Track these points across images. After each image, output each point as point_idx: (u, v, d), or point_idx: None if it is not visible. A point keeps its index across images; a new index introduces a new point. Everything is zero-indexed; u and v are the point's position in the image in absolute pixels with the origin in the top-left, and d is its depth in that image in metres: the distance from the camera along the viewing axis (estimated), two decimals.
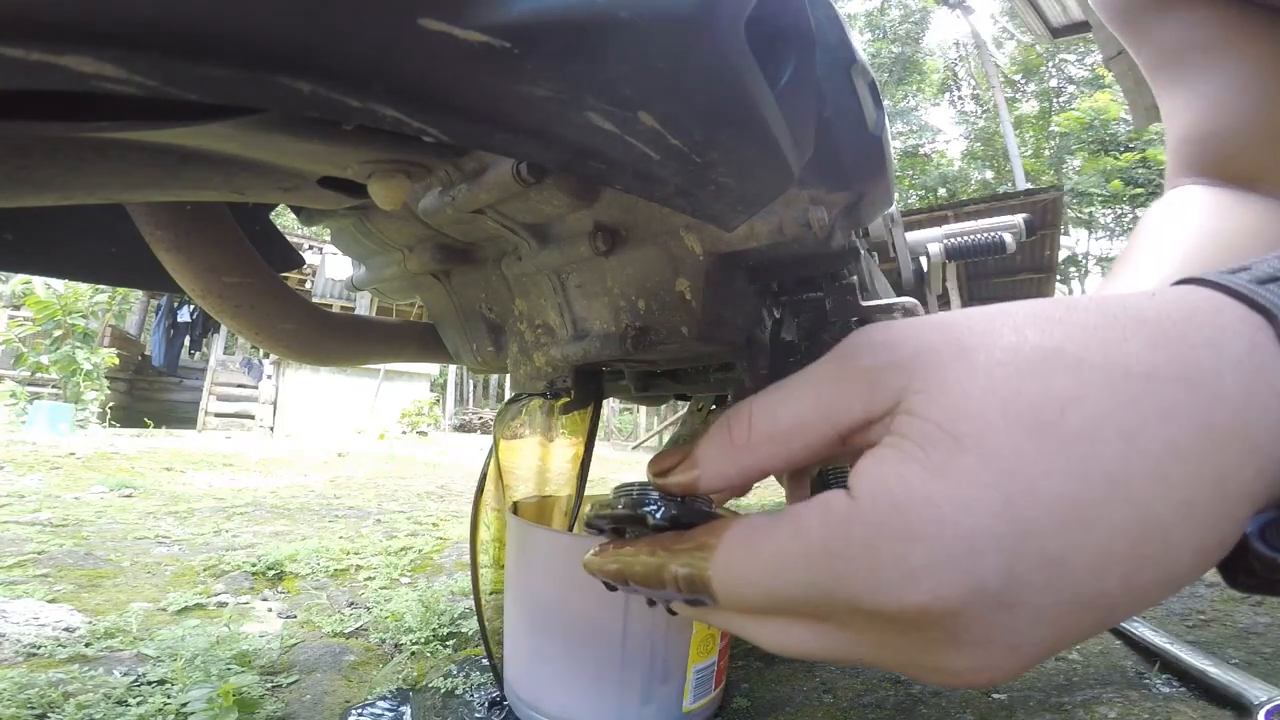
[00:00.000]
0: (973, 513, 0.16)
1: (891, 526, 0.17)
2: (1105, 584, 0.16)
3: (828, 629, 0.19)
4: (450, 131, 0.20)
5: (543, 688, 0.68)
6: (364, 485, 3.11)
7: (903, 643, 0.18)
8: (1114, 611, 0.17)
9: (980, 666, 0.17)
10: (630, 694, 0.63)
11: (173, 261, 0.56)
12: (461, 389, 12.78)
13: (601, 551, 0.26)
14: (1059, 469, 0.16)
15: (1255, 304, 0.18)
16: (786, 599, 0.19)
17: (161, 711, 0.75)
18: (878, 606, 0.17)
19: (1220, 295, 0.18)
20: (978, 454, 0.17)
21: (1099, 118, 11.32)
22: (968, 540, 0.16)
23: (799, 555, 0.18)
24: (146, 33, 0.15)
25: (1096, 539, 0.16)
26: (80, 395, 5.68)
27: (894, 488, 0.17)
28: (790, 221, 0.47)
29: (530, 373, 0.67)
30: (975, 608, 0.16)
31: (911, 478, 0.17)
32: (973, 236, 1.22)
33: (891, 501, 0.17)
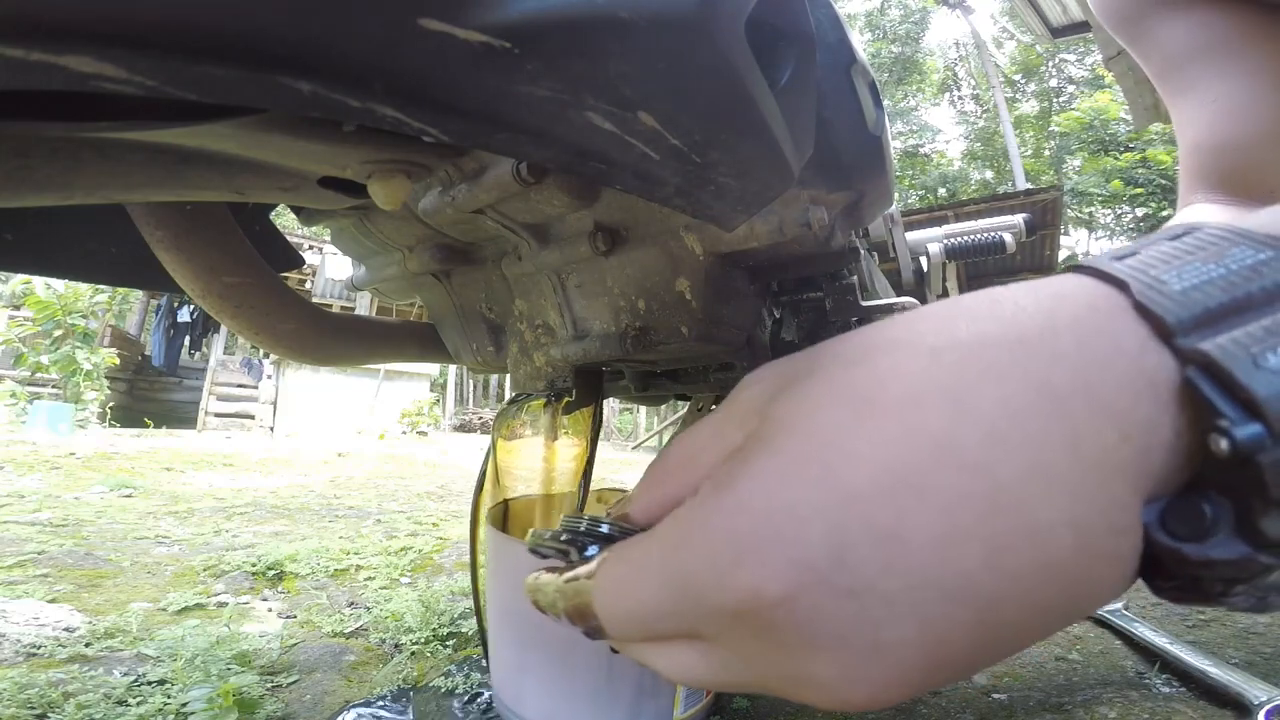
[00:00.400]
0: (793, 484, 0.16)
1: (723, 509, 0.17)
2: (964, 565, 0.15)
3: (705, 648, 0.18)
4: (450, 131, 0.20)
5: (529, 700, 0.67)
6: (364, 485, 3.11)
7: (766, 652, 0.16)
8: (995, 605, 0.15)
9: (851, 676, 0.15)
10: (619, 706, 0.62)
11: (173, 261, 0.56)
12: (461, 389, 12.78)
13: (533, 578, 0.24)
14: (880, 437, 0.16)
15: (1106, 275, 0.17)
16: (656, 612, 0.18)
17: (161, 711, 0.75)
18: (720, 601, 0.16)
19: (1081, 275, 0.18)
20: (802, 433, 0.17)
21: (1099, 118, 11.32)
22: (788, 510, 0.16)
23: (656, 561, 0.18)
24: (146, 33, 0.15)
25: (933, 509, 0.15)
26: (80, 395, 5.68)
27: (729, 475, 0.17)
28: (790, 221, 0.47)
29: (530, 373, 0.67)
30: (812, 592, 0.15)
31: (744, 463, 0.17)
32: (973, 236, 1.22)
33: (726, 487, 0.17)
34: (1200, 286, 0.15)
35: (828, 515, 0.15)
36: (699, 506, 0.18)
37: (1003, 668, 0.92)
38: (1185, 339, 0.15)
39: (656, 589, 0.18)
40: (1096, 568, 0.15)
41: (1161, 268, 0.16)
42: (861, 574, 0.15)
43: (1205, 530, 0.14)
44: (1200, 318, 0.15)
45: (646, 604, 0.18)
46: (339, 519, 2.15)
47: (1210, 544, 0.14)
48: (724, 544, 0.16)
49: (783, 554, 0.15)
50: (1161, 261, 0.17)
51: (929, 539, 0.15)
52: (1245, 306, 0.15)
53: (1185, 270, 0.16)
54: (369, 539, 1.78)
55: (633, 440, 9.74)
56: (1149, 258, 0.17)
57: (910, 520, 0.15)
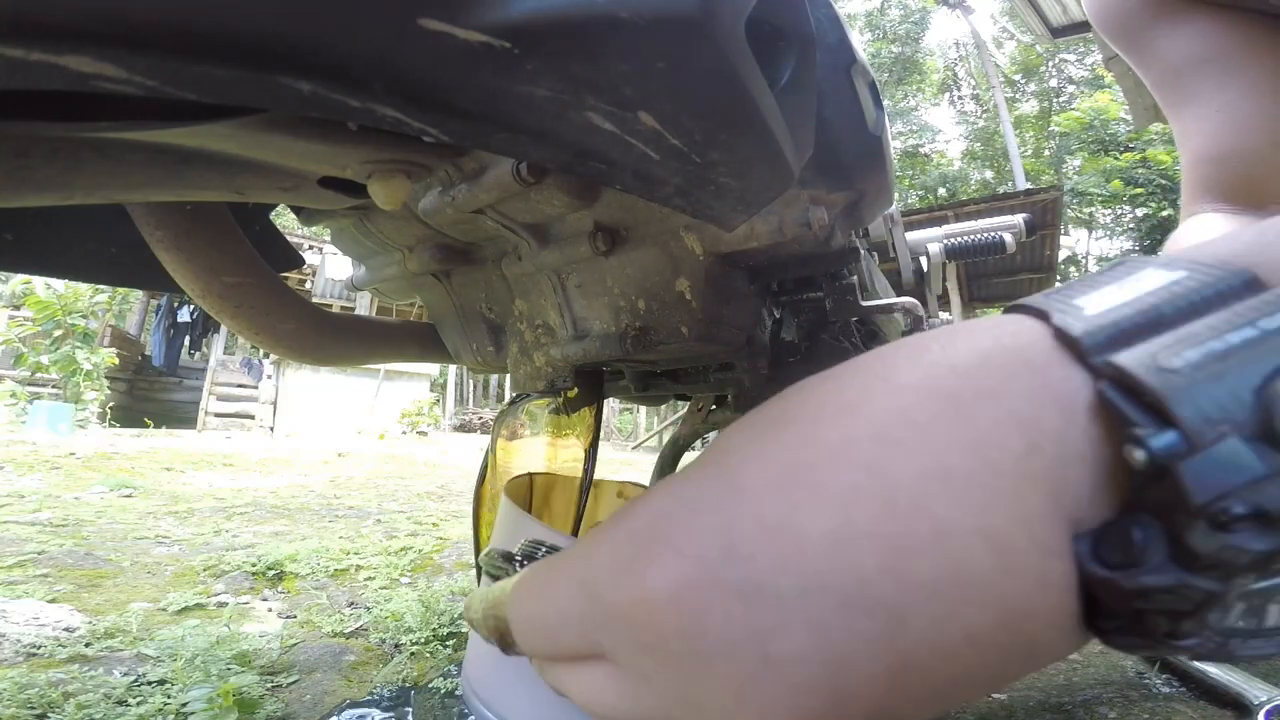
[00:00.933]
0: (690, 484, 0.16)
1: (630, 512, 0.17)
2: (861, 566, 0.14)
3: (611, 671, 0.17)
4: (450, 131, 0.20)
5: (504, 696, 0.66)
6: (364, 485, 3.11)
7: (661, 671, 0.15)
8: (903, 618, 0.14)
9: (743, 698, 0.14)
10: None
11: (173, 261, 0.56)
12: (461, 389, 12.78)
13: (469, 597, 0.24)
14: (777, 442, 0.16)
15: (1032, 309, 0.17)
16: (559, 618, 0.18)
17: (161, 711, 0.75)
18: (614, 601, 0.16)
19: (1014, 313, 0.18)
20: (707, 453, 0.17)
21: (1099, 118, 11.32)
22: (681, 505, 0.16)
23: (565, 567, 0.18)
24: (146, 33, 0.15)
25: (826, 506, 0.14)
26: (80, 395, 5.68)
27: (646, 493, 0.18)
28: (790, 221, 0.47)
29: (530, 373, 0.67)
30: (698, 589, 0.14)
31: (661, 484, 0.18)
32: (973, 236, 1.22)
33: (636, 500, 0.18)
34: (1115, 309, 0.15)
35: (718, 507, 0.15)
36: (619, 514, 0.18)
37: None
38: (1098, 356, 0.15)
39: (561, 593, 0.18)
40: (1025, 591, 0.14)
41: (1081, 296, 0.16)
42: (751, 569, 0.14)
43: (1137, 556, 0.13)
44: (1114, 336, 0.15)
45: (550, 610, 0.18)
46: (339, 519, 2.15)
47: (1142, 570, 0.13)
48: (623, 543, 0.16)
49: (671, 547, 0.15)
50: (1082, 290, 0.17)
51: (822, 533, 0.14)
52: (1157, 324, 0.15)
53: (1102, 295, 0.16)
54: (369, 539, 1.78)
55: (633, 440, 9.74)
56: (1074, 288, 0.17)
57: (802, 513, 0.14)
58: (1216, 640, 0.14)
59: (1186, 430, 0.13)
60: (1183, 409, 0.13)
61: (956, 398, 0.15)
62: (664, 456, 1.15)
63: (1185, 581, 0.13)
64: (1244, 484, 0.12)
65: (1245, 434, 0.12)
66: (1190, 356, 0.13)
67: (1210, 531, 0.12)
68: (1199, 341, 0.14)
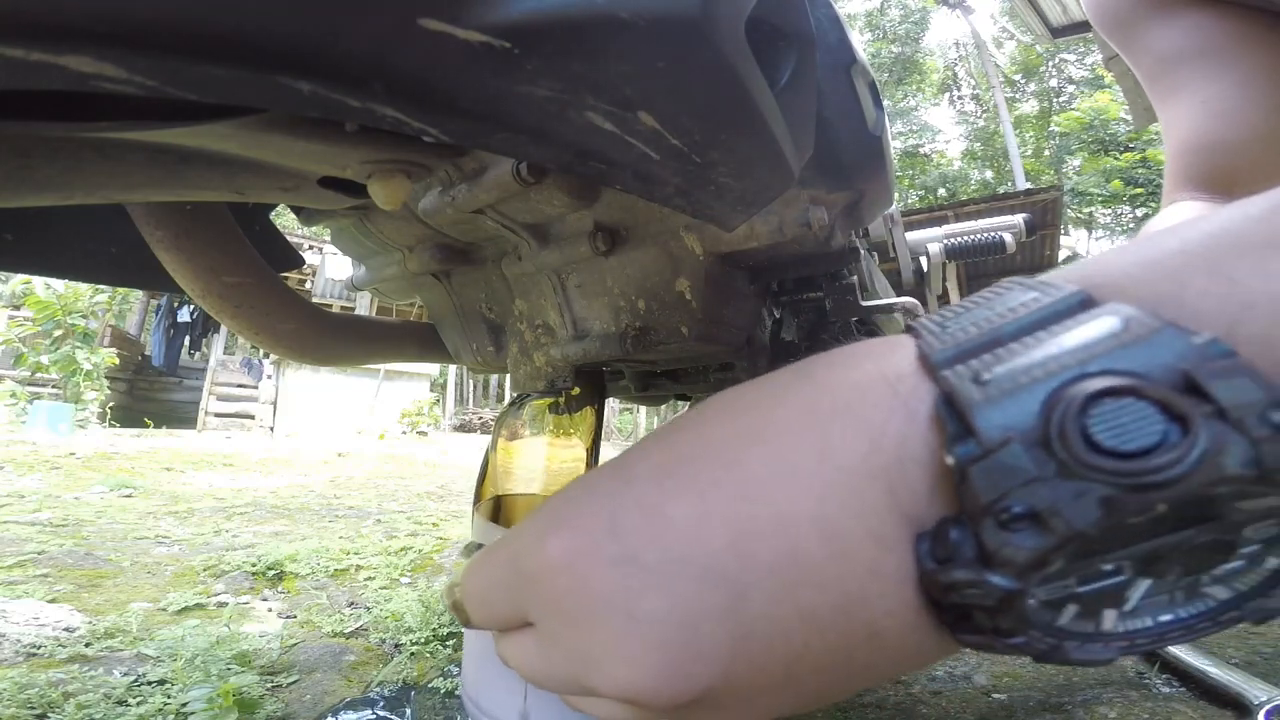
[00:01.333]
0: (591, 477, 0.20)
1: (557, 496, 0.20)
2: (712, 545, 0.16)
3: (535, 636, 0.20)
4: (450, 131, 0.20)
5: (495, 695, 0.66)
6: (364, 485, 3.11)
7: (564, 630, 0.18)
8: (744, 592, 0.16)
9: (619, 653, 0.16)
10: None
11: (173, 261, 0.56)
12: (461, 389, 12.78)
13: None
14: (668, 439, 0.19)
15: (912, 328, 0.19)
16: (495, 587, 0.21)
17: (161, 711, 0.75)
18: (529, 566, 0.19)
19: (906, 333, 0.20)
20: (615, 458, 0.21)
21: (1099, 118, 11.32)
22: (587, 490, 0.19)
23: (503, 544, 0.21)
24: (146, 33, 0.15)
25: (690, 494, 0.17)
26: (80, 395, 5.68)
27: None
28: (790, 221, 0.47)
29: (530, 373, 0.67)
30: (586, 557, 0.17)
31: None
32: (973, 236, 1.22)
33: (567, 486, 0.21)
34: (970, 327, 0.17)
35: (610, 493, 0.18)
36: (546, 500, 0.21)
37: (1003, 668, 0.92)
38: (944, 370, 0.16)
39: (495, 566, 0.21)
40: (858, 576, 0.16)
41: (955, 318, 0.18)
42: (628, 543, 0.17)
43: (951, 552, 0.15)
44: (959, 353, 0.16)
45: (488, 581, 0.21)
46: (339, 519, 2.15)
47: (954, 565, 0.15)
48: (540, 521, 0.20)
49: (569, 524, 0.18)
50: (958, 310, 0.19)
51: (685, 516, 0.17)
52: (995, 342, 0.16)
53: (965, 317, 0.18)
54: (369, 539, 1.78)
55: (633, 440, 9.74)
56: (955, 308, 0.19)
57: (671, 499, 0.17)
58: (1048, 641, 0.15)
59: (981, 438, 0.14)
60: (981, 419, 0.14)
61: (814, 408, 0.18)
62: None
63: (983, 577, 0.14)
64: (1019, 485, 0.14)
65: (1028, 441, 0.14)
66: (999, 371, 0.15)
67: (997, 530, 0.14)
68: (1011, 358, 0.15)
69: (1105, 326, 0.15)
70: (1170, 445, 0.13)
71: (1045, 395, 0.14)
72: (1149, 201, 9.90)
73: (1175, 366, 0.14)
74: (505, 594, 0.20)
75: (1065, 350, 0.15)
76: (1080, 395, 0.14)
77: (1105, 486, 0.13)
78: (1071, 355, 0.15)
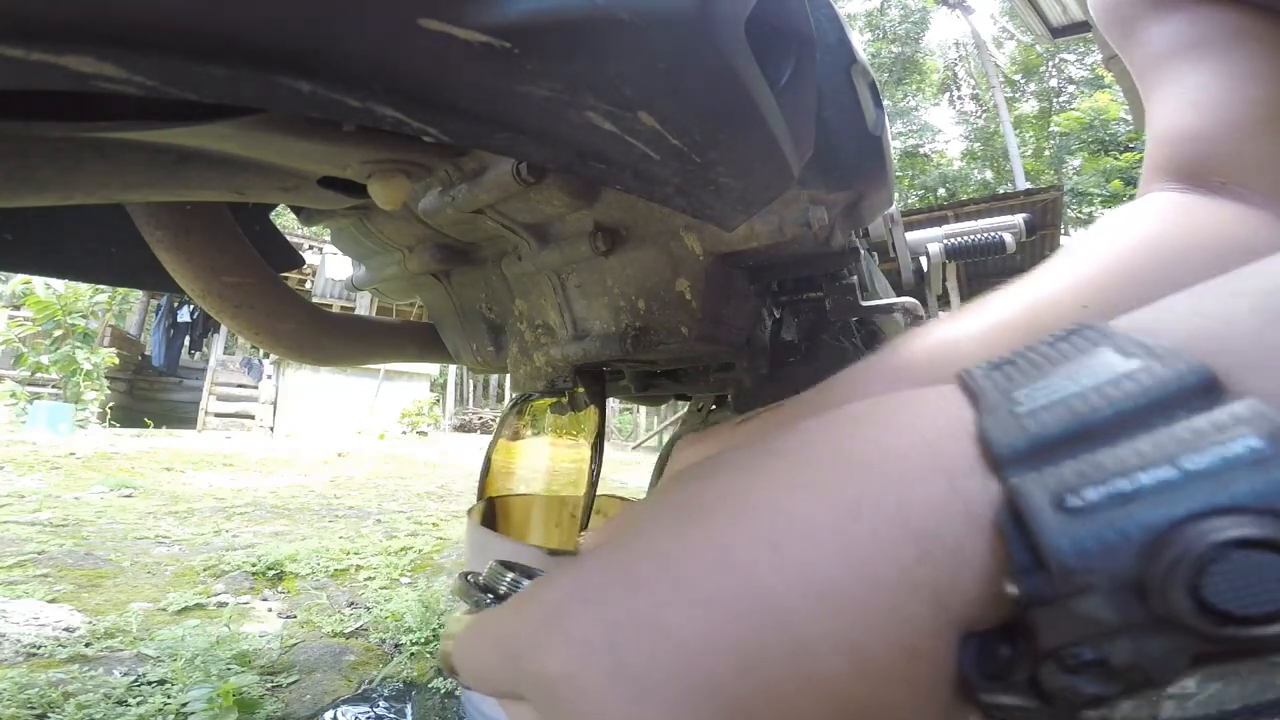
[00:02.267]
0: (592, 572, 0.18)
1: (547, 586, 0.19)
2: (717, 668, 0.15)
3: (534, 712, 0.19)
4: (450, 131, 0.20)
5: None
6: (364, 485, 3.11)
7: None
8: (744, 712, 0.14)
9: None
10: None
11: (173, 261, 0.56)
12: (461, 389, 12.78)
13: None
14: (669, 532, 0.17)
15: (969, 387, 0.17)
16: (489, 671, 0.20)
17: (161, 711, 0.75)
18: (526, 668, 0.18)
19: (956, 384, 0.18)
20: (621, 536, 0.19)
21: (1099, 118, 11.33)
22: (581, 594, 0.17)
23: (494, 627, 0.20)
24: (146, 33, 0.15)
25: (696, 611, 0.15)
26: (80, 395, 5.68)
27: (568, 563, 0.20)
28: (790, 221, 0.47)
29: (530, 373, 0.67)
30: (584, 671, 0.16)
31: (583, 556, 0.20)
32: (973, 236, 1.22)
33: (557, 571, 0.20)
34: (1044, 409, 0.15)
35: (606, 599, 0.17)
36: (539, 583, 0.20)
37: None
38: (1011, 470, 0.14)
39: (490, 651, 0.20)
40: (886, 691, 0.14)
41: (1020, 382, 0.16)
42: (625, 658, 0.15)
43: (1000, 671, 0.14)
44: (1033, 449, 0.14)
45: (482, 663, 0.20)
46: (339, 519, 2.15)
47: (1000, 687, 0.13)
48: (535, 619, 0.18)
49: (565, 633, 0.17)
50: (1025, 371, 0.16)
51: (687, 636, 0.15)
52: (1084, 437, 0.14)
53: (1039, 387, 0.15)
54: (369, 539, 1.78)
55: (633, 440, 9.74)
56: (1020, 364, 0.17)
57: (674, 614, 0.15)
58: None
59: (1055, 577, 0.12)
60: (1058, 555, 0.12)
61: (854, 506, 0.15)
62: (664, 457, 1.15)
63: (1032, 705, 0.13)
64: (1094, 635, 0.12)
65: (1116, 585, 0.12)
66: (1090, 497, 0.13)
67: (1056, 670, 0.12)
68: (1108, 477, 0.13)
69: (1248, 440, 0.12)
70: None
71: (1153, 535, 0.12)
72: None
73: None
74: (501, 676, 0.19)
75: (1187, 475, 0.12)
76: (1201, 546, 0.11)
77: (1205, 644, 0.11)
78: (1196, 483, 0.12)
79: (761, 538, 0.16)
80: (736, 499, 0.17)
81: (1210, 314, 0.15)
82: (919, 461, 0.15)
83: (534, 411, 0.69)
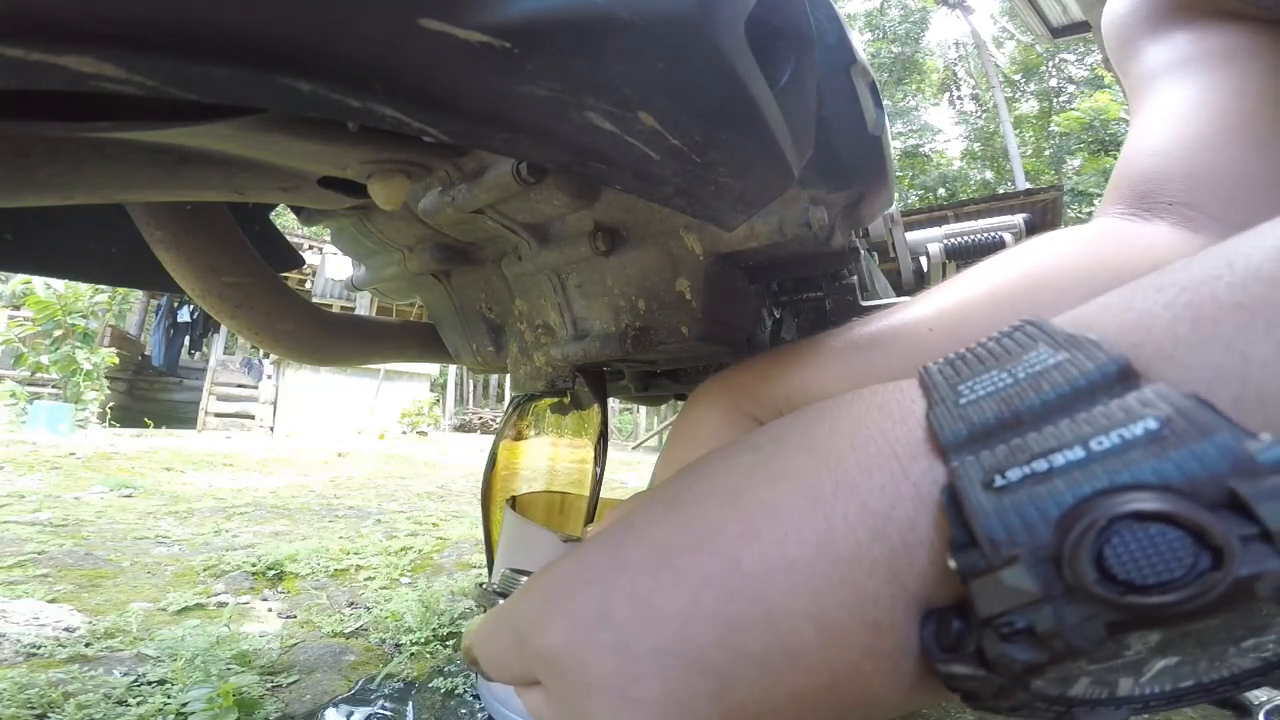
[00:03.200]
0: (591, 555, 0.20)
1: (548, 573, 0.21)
2: (700, 640, 0.16)
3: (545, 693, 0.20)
4: (450, 131, 0.20)
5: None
6: (364, 485, 3.11)
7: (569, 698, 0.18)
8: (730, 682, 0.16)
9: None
10: None
11: (173, 261, 0.56)
12: (461, 389, 12.78)
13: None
14: (659, 519, 0.19)
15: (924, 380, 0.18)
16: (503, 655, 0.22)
17: (161, 711, 0.75)
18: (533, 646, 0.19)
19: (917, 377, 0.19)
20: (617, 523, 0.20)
21: (1099, 118, 11.33)
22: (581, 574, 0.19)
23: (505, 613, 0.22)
24: (146, 33, 0.15)
25: (682, 589, 0.17)
26: (80, 395, 5.68)
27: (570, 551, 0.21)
28: (790, 221, 0.47)
29: (530, 373, 0.67)
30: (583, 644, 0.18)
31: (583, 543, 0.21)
32: (973, 236, 1.22)
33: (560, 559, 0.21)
34: (983, 399, 0.16)
35: (603, 579, 0.18)
36: (544, 570, 0.22)
37: None
38: (954, 454, 0.15)
39: (502, 636, 0.22)
40: (852, 660, 0.16)
41: (965, 376, 0.17)
42: (621, 632, 0.17)
43: (954, 644, 0.15)
44: (974, 434, 0.15)
45: (496, 648, 0.22)
46: (339, 519, 2.15)
47: (953, 658, 0.15)
48: (539, 600, 0.20)
49: (566, 611, 0.19)
50: (971, 365, 0.18)
51: (674, 611, 0.17)
52: (1014, 423, 0.15)
53: (980, 381, 0.17)
54: (369, 539, 1.78)
55: (633, 440, 9.74)
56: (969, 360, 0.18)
57: (662, 592, 0.17)
58: (1057, 709, 0.15)
59: (984, 551, 0.13)
60: (986, 531, 0.13)
61: (818, 491, 0.17)
62: None
63: (981, 674, 0.14)
64: (1022, 605, 0.13)
65: (1036, 558, 0.13)
66: (1013, 476, 0.14)
67: (995, 640, 0.13)
68: (1029, 459, 0.14)
69: (1146, 422, 0.13)
70: (1197, 576, 0.12)
71: (1063, 511, 0.13)
72: None
73: (1223, 481, 0.12)
74: (515, 661, 0.21)
75: (1093, 455, 0.13)
76: (1102, 518, 0.12)
77: (1114, 613, 0.12)
78: (1101, 463, 0.13)
79: (739, 523, 0.17)
80: (718, 489, 0.19)
81: (1136, 308, 0.16)
82: (876, 449, 0.17)
83: (535, 411, 0.69)
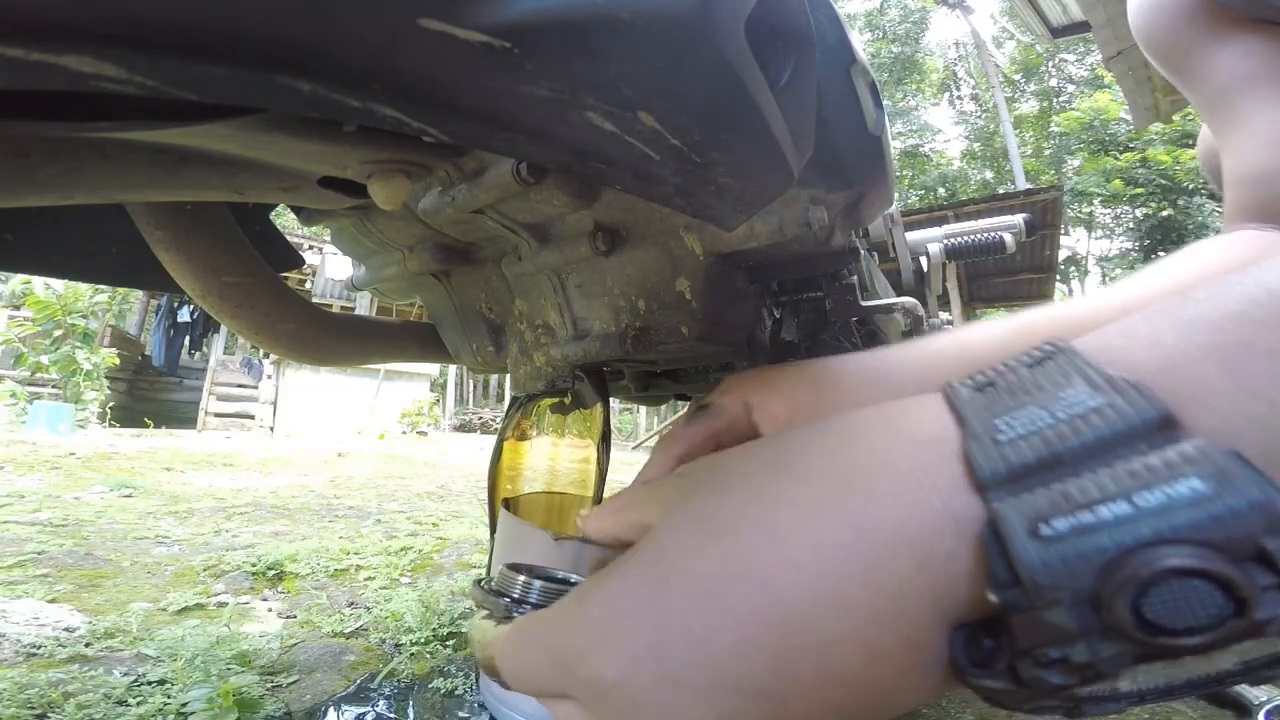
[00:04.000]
0: (638, 589, 0.20)
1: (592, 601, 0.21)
2: (754, 671, 0.17)
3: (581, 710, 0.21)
4: (450, 131, 0.20)
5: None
6: (364, 485, 3.11)
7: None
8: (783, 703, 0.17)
9: None
10: None
11: (173, 261, 0.56)
12: (461, 389, 12.77)
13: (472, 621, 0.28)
14: (705, 553, 0.19)
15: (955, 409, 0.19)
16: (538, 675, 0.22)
17: (161, 711, 0.75)
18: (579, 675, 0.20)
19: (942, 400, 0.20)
20: (651, 547, 0.21)
21: (1099, 118, 11.33)
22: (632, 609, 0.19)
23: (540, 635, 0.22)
24: (146, 33, 0.15)
25: (734, 622, 0.17)
26: (80, 395, 5.68)
27: (608, 573, 0.21)
28: (790, 221, 0.47)
29: (530, 373, 0.67)
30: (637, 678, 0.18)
31: (620, 565, 0.21)
32: (973, 236, 1.22)
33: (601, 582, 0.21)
34: (1022, 439, 0.17)
35: (657, 617, 0.19)
36: (580, 595, 0.22)
37: None
38: (993, 493, 0.16)
39: (538, 657, 0.22)
40: (889, 678, 0.17)
41: (1001, 408, 0.18)
42: (675, 668, 0.18)
43: (984, 660, 0.16)
44: (1013, 474, 0.16)
45: (531, 668, 0.22)
46: (339, 519, 2.15)
47: (985, 673, 0.16)
48: (585, 630, 0.20)
49: (619, 644, 0.19)
50: (1007, 395, 0.18)
51: (728, 645, 0.17)
52: (1054, 464, 0.16)
53: (1017, 417, 0.17)
54: (369, 539, 1.78)
55: (633, 440, 9.74)
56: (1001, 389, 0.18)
57: (715, 629, 0.18)
58: (1066, 706, 0.16)
59: (1027, 592, 0.15)
60: (1031, 574, 0.14)
61: (861, 527, 0.17)
62: None
63: (1011, 689, 0.15)
64: (1059, 639, 0.14)
65: (1077, 599, 0.14)
66: (1059, 527, 0.15)
67: (1030, 664, 0.15)
68: (1074, 509, 0.15)
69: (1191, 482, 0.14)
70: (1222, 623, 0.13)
71: (1106, 560, 0.14)
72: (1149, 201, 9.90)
73: (1256, 539, 0.13)
74: (548, 680, 0.21)
75: (1140, 512, 0.14)
76: (1145, 572, 0.13)
77: (1144, 649, 0.14)
78: (1146, 521, 0.14)
79: (781, 557, 0.18)
80: (754, 517, 0.19)
81: (1166, 345, 0.17)
82: (914, 481, 0.18)
83: (538, 411, 0.69)
